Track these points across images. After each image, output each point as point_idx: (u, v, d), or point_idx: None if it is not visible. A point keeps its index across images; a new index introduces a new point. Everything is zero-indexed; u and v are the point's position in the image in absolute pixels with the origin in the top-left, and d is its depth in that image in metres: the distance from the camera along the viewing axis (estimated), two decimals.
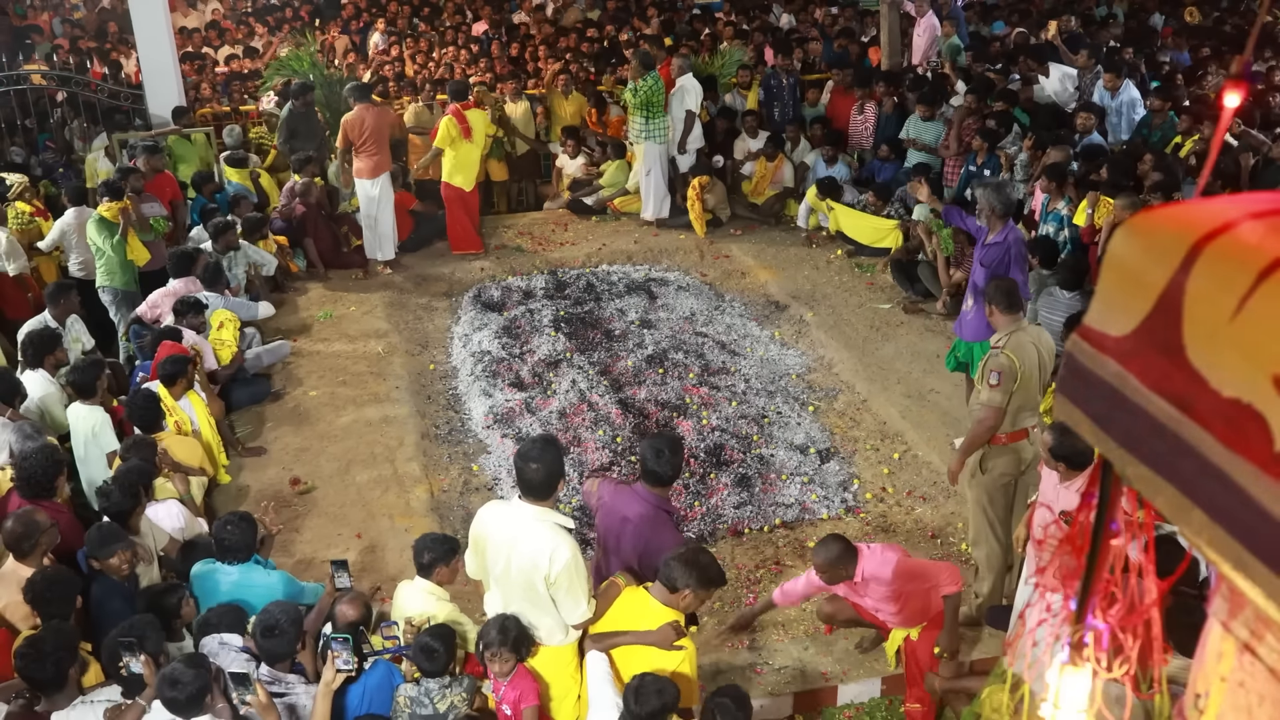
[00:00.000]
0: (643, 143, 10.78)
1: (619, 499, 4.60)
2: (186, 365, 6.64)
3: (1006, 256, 6.69)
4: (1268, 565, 1.03)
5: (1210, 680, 1.27)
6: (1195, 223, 1.15)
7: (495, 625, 4.22)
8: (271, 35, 14.92)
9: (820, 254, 10.45)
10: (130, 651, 4.14)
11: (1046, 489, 4.89)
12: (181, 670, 3.95)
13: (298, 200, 10.11)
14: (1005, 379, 5.16)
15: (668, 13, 15.80)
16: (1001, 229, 6.74)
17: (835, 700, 5.31)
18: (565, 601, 4.14)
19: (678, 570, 4.18)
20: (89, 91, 11.82)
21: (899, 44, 12.46)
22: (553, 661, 4.37)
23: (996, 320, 5.47)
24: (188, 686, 3.92)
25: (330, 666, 4.20)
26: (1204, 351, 1.10)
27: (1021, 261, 6.80)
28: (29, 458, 5.44)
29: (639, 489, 4.57)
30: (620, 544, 4.49)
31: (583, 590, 4.15)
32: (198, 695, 3.94)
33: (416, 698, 4.29)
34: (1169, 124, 9.90)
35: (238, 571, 5.00)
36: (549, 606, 4.17)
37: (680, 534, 4.63)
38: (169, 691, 3.91)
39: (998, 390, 5.16)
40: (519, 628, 4.22)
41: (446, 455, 7.27)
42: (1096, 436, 1.24)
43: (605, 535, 4.67)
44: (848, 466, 7.05)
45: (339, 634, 4.27)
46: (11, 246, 8.50)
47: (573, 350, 8.44)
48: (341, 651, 4.20)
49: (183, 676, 3.93)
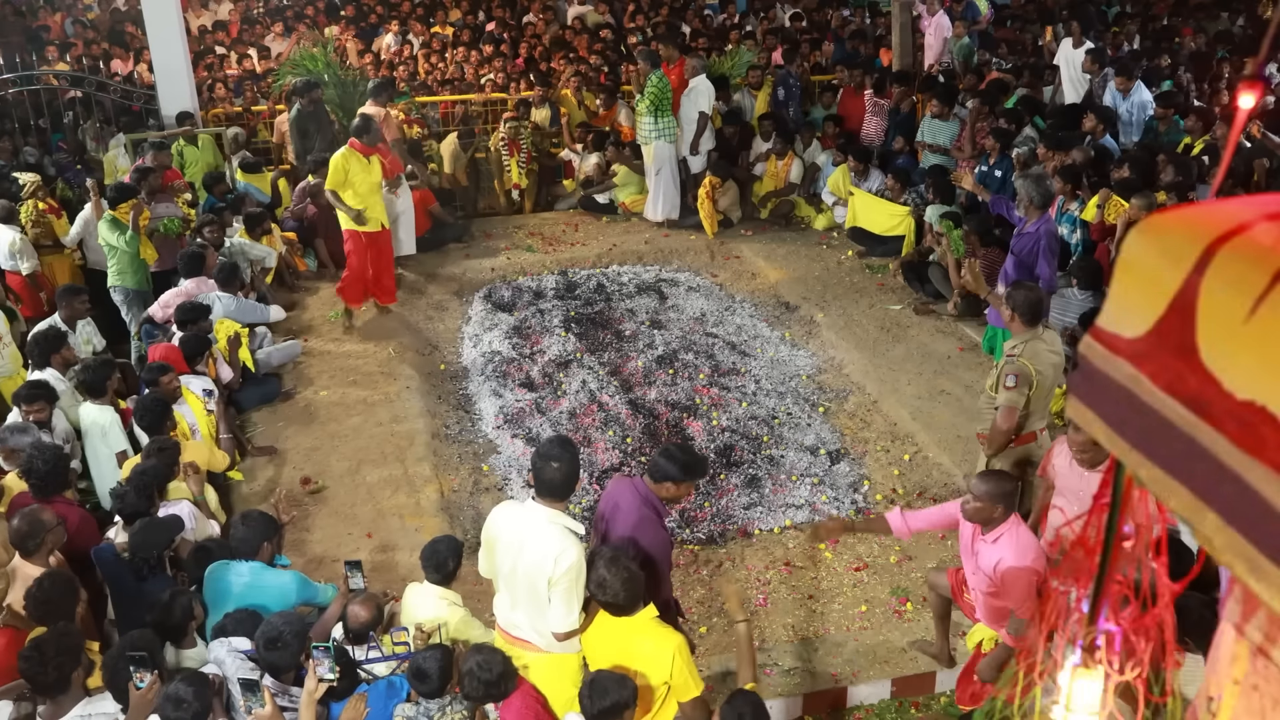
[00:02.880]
0: (652, 142, 10.79)
1: (618, 487, 4.65)
2: (165, 372, 6.55)
3: (1036, 247, 6.95)
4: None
5: (1223, 684, 1.27)
6: (1210, 224, 1.14)
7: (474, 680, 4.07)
8: (285, 35, 14.96)
9: (831, 255, 10.44)
10: (140, 666, 4.12)
11: (1066, 488, 4.86)
12: (184, 690, 3.93)
13: (309, 200, 10.15)
14: (1021, 382, 5.27)
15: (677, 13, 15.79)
16: (1037, 219, 7.03)
17: (845, 702, 5.30)
18: (558, 605, 4.09)
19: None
20: (102, 92, 11.86)
21: (910, 44, 12.44)
22: (557, 670, 4.35)
23: (1015, 327, 5.48)
24: (190, 706, 3.91)
25: (312, 676, 4.13)
26: (1218, 353, 1.09)
27: (1049, 253, 7.03)
28: (37, 456, 5.46)
29: (637, 481, 4.60)
30: (610, 529, 4.51)
31: (577, 599, 4.11)
32: (201, 715, 3.93)
33: (414, 717, 4.26)
34: (1175, 128, 9.89)
35: (249, 572, 4.99)
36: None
37: (666, 531, 4.60)
38: (172, 712, 3.90)
39: (1014, 392, 5.27)
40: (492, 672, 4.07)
41: (457, 455, 7.28)
42: (1109, 438, 1.24)
43: (598, 520, 4.69)
44: (858, 468, 7.04)
45: (320, 644, 4.23)
46: (24, 246, 8.56)
47: (583, 350, 8.44)
48: (324, 660, 4.11)
49: (185, 695, 3.91)
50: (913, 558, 6.19)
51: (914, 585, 5.97)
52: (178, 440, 6.02)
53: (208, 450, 6.40)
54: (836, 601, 5.87)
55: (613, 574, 4.00)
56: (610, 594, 4.00)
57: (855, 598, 5.89)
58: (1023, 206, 7.10)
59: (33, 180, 9.33)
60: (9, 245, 8.49)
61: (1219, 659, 1.29)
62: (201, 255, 8.22)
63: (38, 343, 6.83)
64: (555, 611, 4.11)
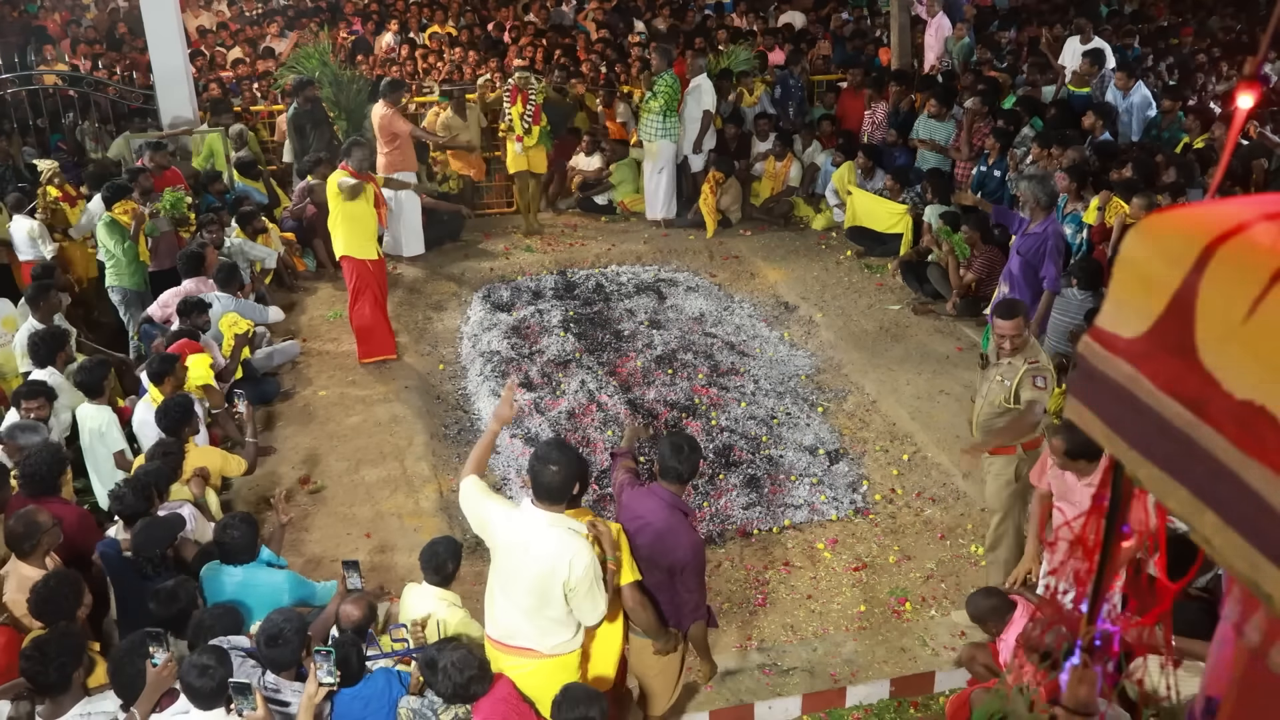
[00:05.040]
0: (658, 141, 10.80)
1: (636, 500, 4.59)
2: (175, 364, 6.61)
3: (1043, 247, 7.02)
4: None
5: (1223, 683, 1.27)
6: (1208, 224, 1.14)
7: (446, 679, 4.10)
8: (283, 34, 14.95)
9: (830, 255, 10.44)
10: (157, 643, 4.16)
11: (1064, 491, 4.87)
12: (207, 658, 3.97)
13: (308, 200, 10.14)
14: (1049, 383, 5.38)
15: (677, 12, 15.80)
16: (1043, 220, 7.06)
17: (844, 702, 5.29)
18: (584, 605, 4.15)
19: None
20: (100, 92, 11.86)
21: (909, 45, 12.45)
22: (557, 674, 4.34)
23: (1023, 339, 5.44)
24: (216, 671, 3.95)
25: (312, 679, 4.14)
26: (1217, 353, 1.09)
27: (1056, 254, 7.06)
28: (31, 455, 5.45)
29: (656, 489, 4.56)
30: (635, 543, 4.48)
31: (601, 594, 4.17)
32: (224, 681, 3.97)
33: (419, 710, 4.26)
34: (1176, 124, 9.88)
35: (242, 572, 4.98)
36: (561, 612, 4.17)
37: (696, 533, 4.61)
38: (197, 679, 3.93)
39: (1044, 391, 5.36)
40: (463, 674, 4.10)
41: (455, 455, 7.28)
42: (1108, 438, 1.24)
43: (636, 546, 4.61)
44: (857, 468, 7.04)
45: (321, 647, 4.23)
46: (42, 231, 8.72)
47: (582, 350, 8.44)
48: (324, 664, 4.12)
49: (209, 663, 3.96)
50: (911, 558, 6.19)
51: (912, 585, 5.97)
52: (182, 444, 6.01)
53: (221, 457, 6.37)
54: (835, 601, 5.87)
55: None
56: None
57: (854, 598, 5.89)
58: (1028, 208, 7.11)
59: (50, 166, 9.40)
60: (28, 232, 8.62)
61: (1219, 659, 1.29)
62: (202, 255, 8.21)
63: (42, 341, 6.83)
64: (584, 610, 4.17)
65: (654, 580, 4.47)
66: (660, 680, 4.75)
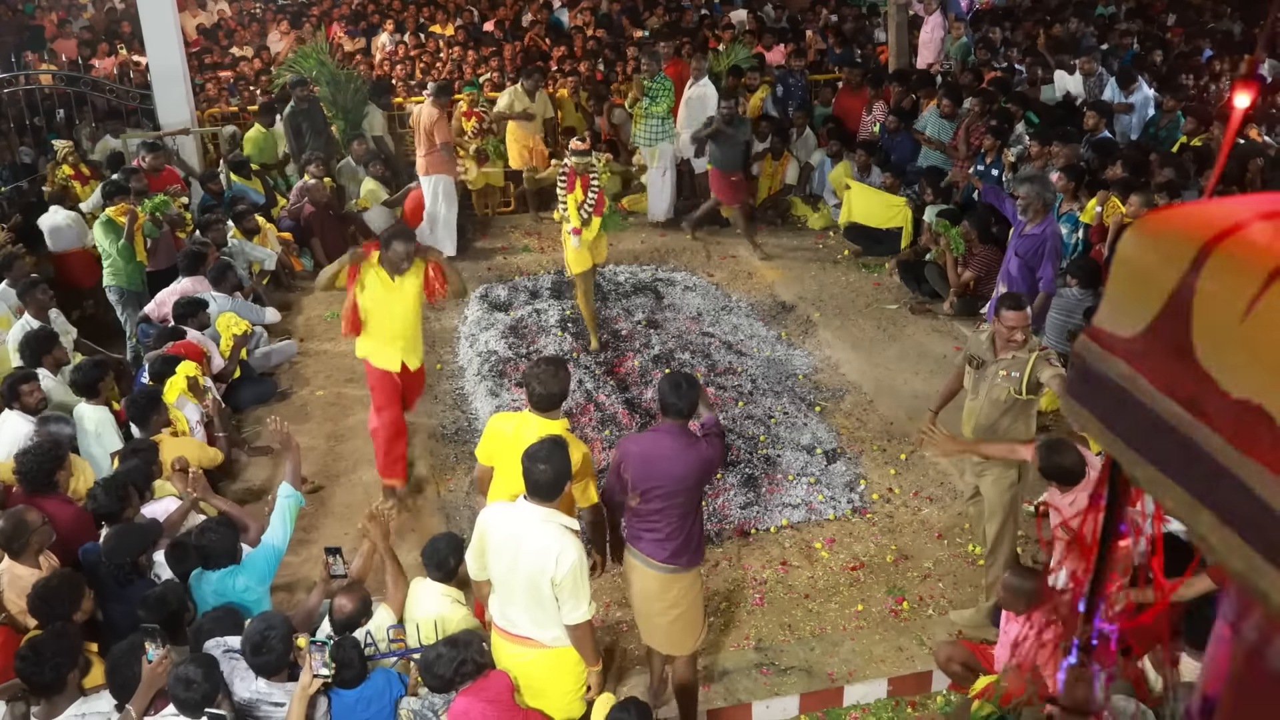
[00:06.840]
0: (658, 143, 10.81)
1: (646, 445, 4.57)
2: (176, 365, 6.61)
3: (1042, 249, 7.01)
4: (1278, 568, 1.02)
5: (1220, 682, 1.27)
6: (1205, 223, 1.14)
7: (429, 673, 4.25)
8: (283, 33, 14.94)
9: (827, 254, 10.44)
10: (152, 639, 4.16)
11: (1055, 493, 4.89)
12: (193, 670, 3.96)
13: (306, 200, 10.13)
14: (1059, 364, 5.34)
15: (673, 13, 15.80)
16: (1041, 221, 7.04)
17: (841, 701, 5.30)
18: (568, 603, 4.16)
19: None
20: (96, 91, 11.84)
21: (906, 44, 12.45)
22: (559, 663, 4.36)
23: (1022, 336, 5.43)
24: (200, 686, 3.93)
25: (307, 671, 4.15)
26: (1214, 352, 1.09)
27: (1055, 255, 7.06)
28: (27, 453, 5.44)
29: (660, 426, 4.59)
30: (668, 483, 4.45)
31: (585, 592, 4.18)
32: (210, 695, 3.96)
33: (419, 710, 4.25)
34: (1175, 123, 9.89)
35: (217, 580, 4.93)
36: (553, 607, 4.18)
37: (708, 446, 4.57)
38: (183, 692, 3.92)
39: (1061, 369, 5.28)
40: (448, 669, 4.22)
41: (453, 455, 7.27)
42: (1105, 437, 1.24)
43: (650, 486, 4.52)
44: (854, 467, 7.04)
45: (317, 639, 4.23)
46: (75, 220, 8.91)
47: (579, 350, 8.44)
48: (318, 655, 4.14)
49: (194, 676, 3.95)
50: (909, 557, 6.19)
51: (910, 585, 5.97)
52: (154, 441, 6.01)
53: (197, 447, 6.37)
54: (833, 601, 5.87)
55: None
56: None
57: (851, 597, 5.89)
58: (1028, 210, 7.06)
59: (64, 145, 9.44)
60: (64, 222, 8.78)
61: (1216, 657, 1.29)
62: (203, 254, 8.21)
63: (28, 344, 6.83)
64: (567, 608, 4.17)
65: (680, 510, 4.50)
66: (681, 622, 4.72)
